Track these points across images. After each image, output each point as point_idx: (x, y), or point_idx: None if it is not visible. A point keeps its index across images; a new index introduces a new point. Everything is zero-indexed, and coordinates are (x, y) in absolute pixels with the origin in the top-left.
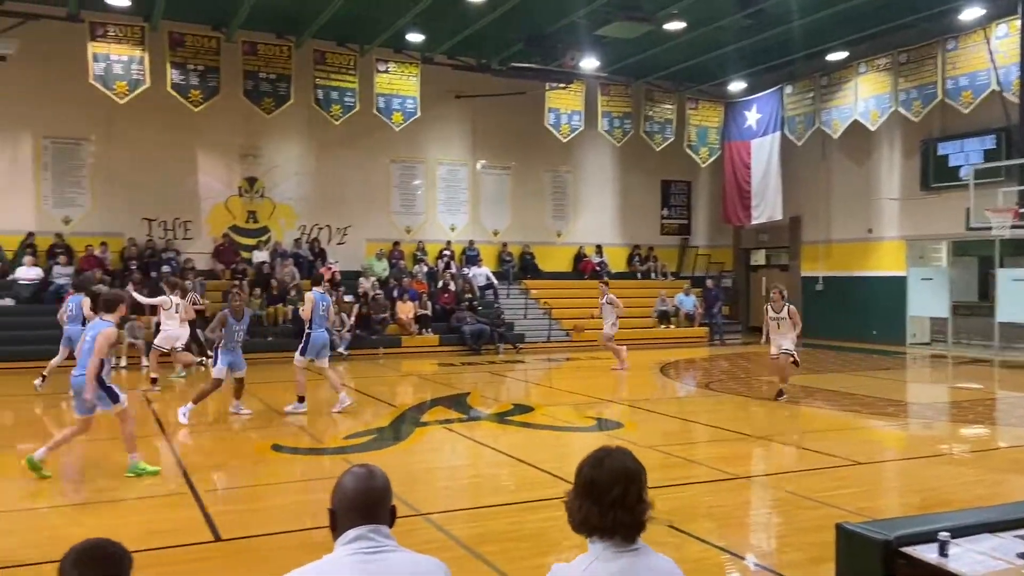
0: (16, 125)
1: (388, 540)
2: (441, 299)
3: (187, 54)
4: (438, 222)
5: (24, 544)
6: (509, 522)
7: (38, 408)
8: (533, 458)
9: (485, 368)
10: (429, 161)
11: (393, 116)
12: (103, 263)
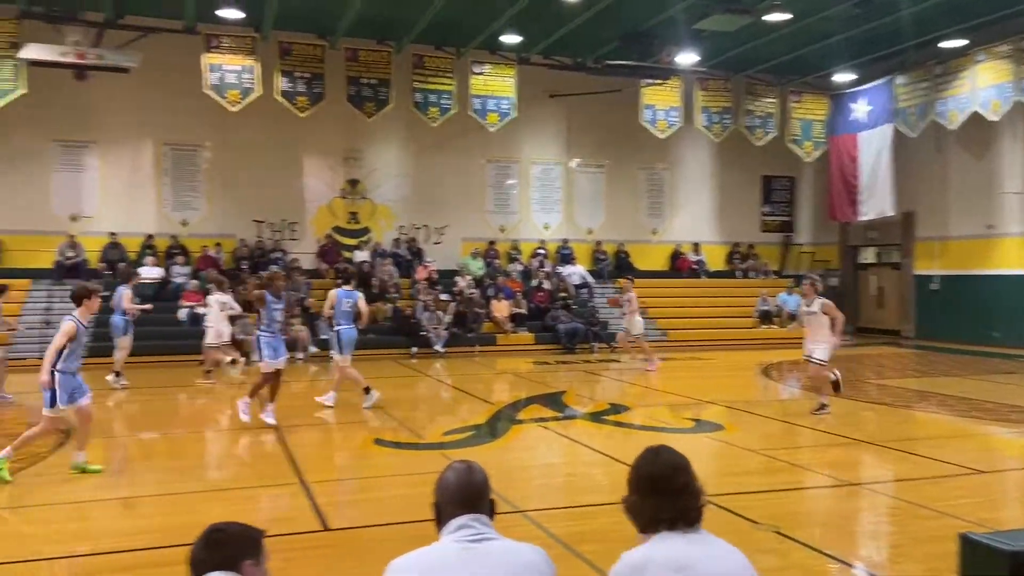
0: (139, 133)
1: (489, 528)
2: (535, 298)
3: (294, 62)
4: (532, 221)
5: (151, 528)
6: (608, 522)
7: (162, 399)
8: (629, 458)
9: (580, 367)
10: (523, 161)
11: (488, 117)
12: (217, 263)
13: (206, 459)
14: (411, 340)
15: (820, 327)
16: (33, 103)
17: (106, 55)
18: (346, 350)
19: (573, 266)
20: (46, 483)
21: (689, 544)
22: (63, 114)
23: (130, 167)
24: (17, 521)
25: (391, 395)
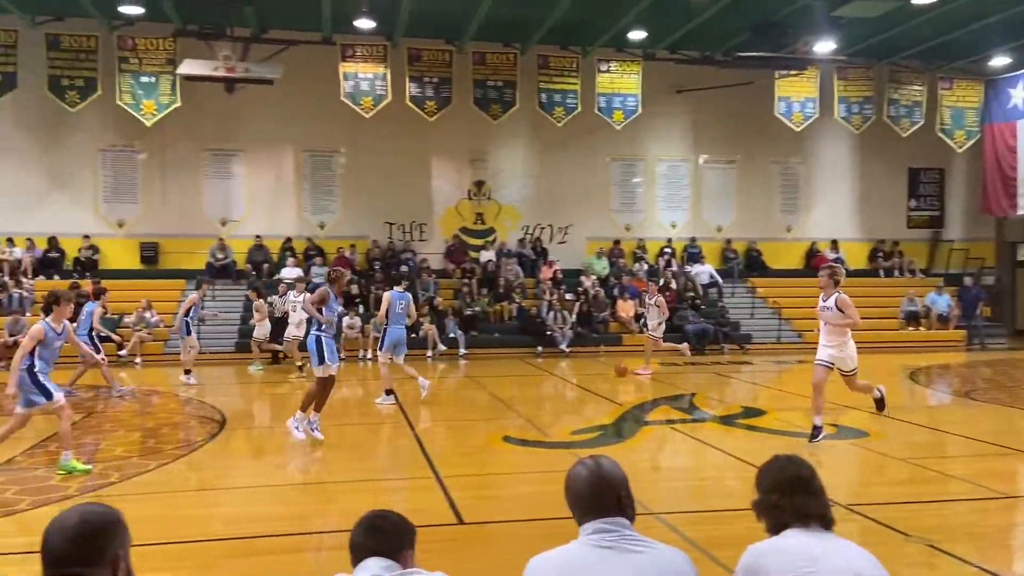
0: (281, 141)
1: (629, 531)
2: None
3: (423, 68)
4: (658, 219)
5: (297, 515)
6: (743, 527)
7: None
8: (761, 463)
9: (710, 369)
10: (649, 158)
11: (614, 115)
12: (351, 263)
13: (342, 451)
14: (536, 339)
15: (837, 326)
16: (187, 115)
17: (252, 68)
18: (396, 349)
19: (701, 265)
20: (201, 469)
21: (818, 540)
22: (213, 125)
23: (273, 173)
24: (186, 504)
25: (517, 393)
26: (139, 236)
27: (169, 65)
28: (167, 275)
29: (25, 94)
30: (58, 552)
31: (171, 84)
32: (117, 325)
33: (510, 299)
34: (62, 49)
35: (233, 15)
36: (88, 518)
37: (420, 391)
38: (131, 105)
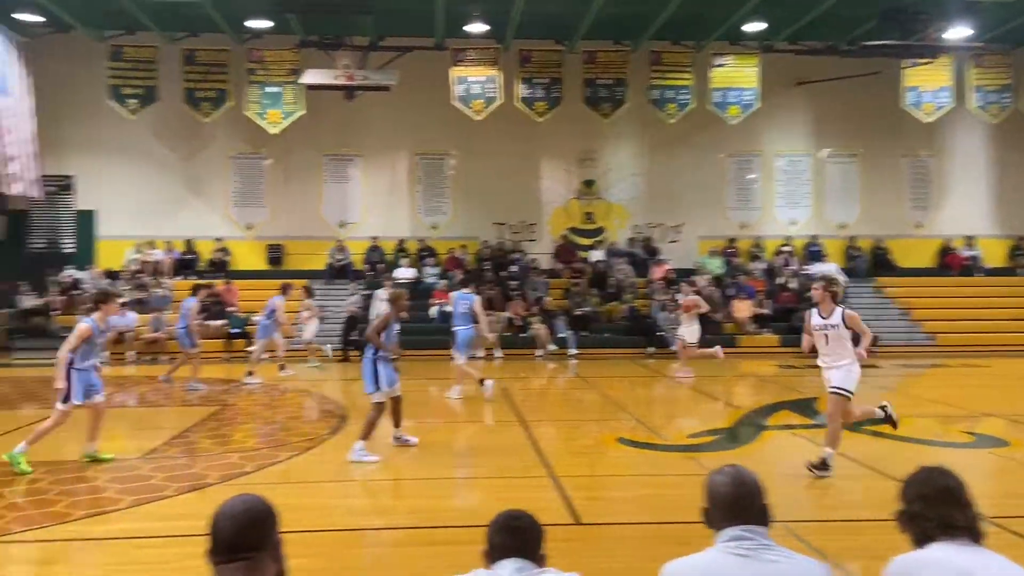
0: (396, 146)
1: (767, 539)
2: (781, 297)
3: (533, 69)
4: (776, 216)
5: (420, 509)
6: (873, 538)
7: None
8: (894, 471)
9: None
10: (766, 153)
11: (729, 110)
12: (462, 264)
13: (458, 448)
14: (647, 340)
15: (841, 346)
16: (308, 122)
17: (370, 75)
18: (462, 349)
19: (823, 264)
20: (326, 461)
21: (970, 554)
22: (332, 131)
23: (388, 177)
24: (313, 494)
25: (629, 394)
26: (265, 238)
27: (293, 75)
28: (291, 275)
29: (164, 106)
30: (229, 538)
31: (295, 93)
32: (246, 323)
33: (620, 299)
34: (197, 63)
35: (352, 25)
36: (252, 506)
37: (483, 392)
38: (258, 114)
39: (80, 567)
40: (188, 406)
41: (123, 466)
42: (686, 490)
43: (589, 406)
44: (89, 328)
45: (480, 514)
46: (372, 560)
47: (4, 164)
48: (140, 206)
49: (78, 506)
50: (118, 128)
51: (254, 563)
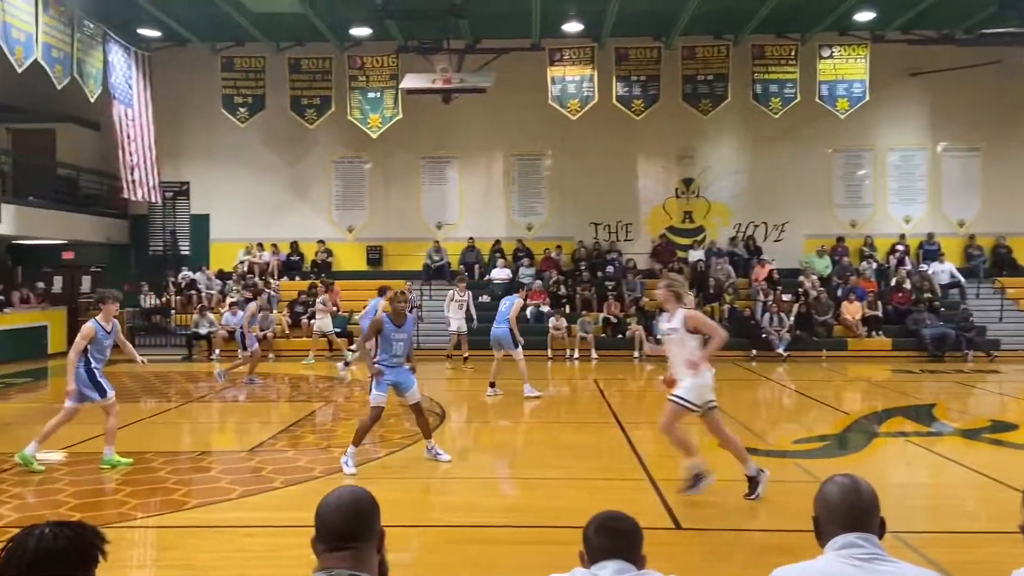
0: (491, 147)
1: (879, 548)
2: (894, 299)
3: (630, 67)
4: (889, 214)
5: (515, 507)
6: (993, 552)
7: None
8: (1015, 482)
9: (950, 377)
10: (878, 147)
11: (838, 103)
12: (558, 264)
13: (554, 448)
14: (750, 343)
15: (683, 350)
16: (406, 126)
17: (467, 78)
18: (493, 346)
19: (940, 263)
20: (426, 460)
21: None
22: (429, 134)
23: (484, 178)
24: (412, 490)
25: (730, 398)
26: (366, 240)
27: (392, 80)
28: (390, 276)
29: (271, 114)
30: (337, 527)
31: (394, 98)
32: (347, 322)
33: (721, 300)
34: (302, 71)
35: (450, 29)
36: (360, 498)
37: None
38: (359, 119)
39: (194, 552)
40: (294, 402)
41: (234, 458)
42: (791, 498)
43: None
44: (93, 329)
45: (576, 514)
46: (467, 557)
47: (127, 171)
48: (249, 210)
49: (193, 495)
50: (229, 135)
51: (360, 553)
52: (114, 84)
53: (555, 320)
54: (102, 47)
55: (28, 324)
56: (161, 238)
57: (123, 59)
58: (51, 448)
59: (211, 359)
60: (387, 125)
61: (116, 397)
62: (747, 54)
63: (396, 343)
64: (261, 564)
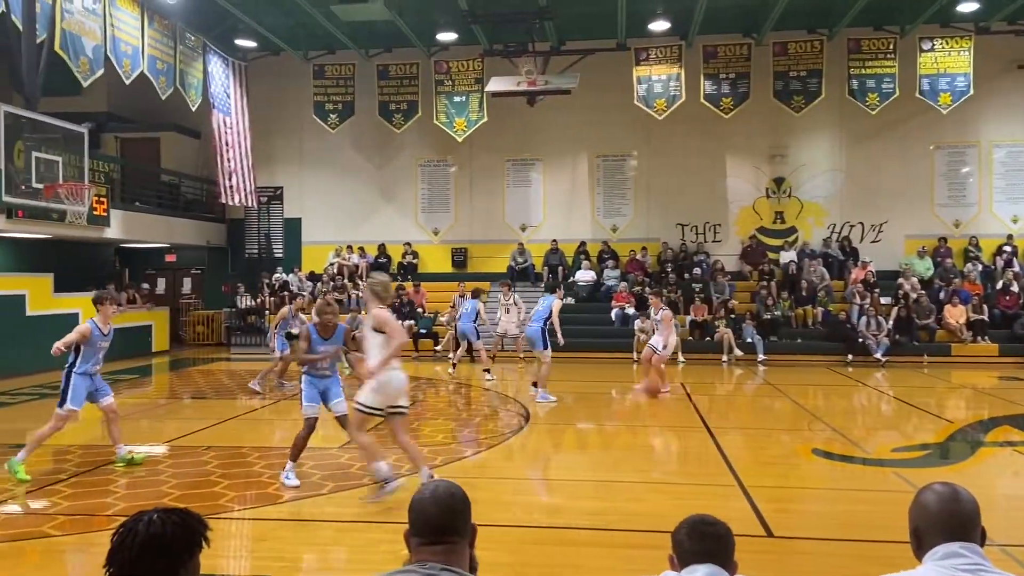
0: (576, 148)
1: (984, 560)
2: (1001, 302)
3: (719, 64)
4: (995, 213)
5: (601, 511)
6: None
7: (595, 392)
8: None
9: None
10: (983, 143)
11: (940, 97)
12: (643, 266)
13: (640, 451)
14: (846, 347)
15: (374, 351)
16: (491, 128)
17: (552, 80)
18: (539, 345)
19: None
20: (510, 459)
21: None
22: (514, 136)
23: (568, 179)
24: (496, 490)
25: (824, 404)
26: (451, 242)
27: (477, 84)
28: (474, 278)
29: (360, 119)
30: (434, 522)
31: (479, 101)
32: (433, 323)
33: (814, 303)
34: (390, 77)
35: (535, 32)
36: (456, 493)
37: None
38: (445, 123)
39: (288, 544)
40: None
41: (326, 455)
42: (889, 507)
43: (779, 414)
44: (89, 328)
45: (660, 519)
46: (551, 558)
47: (225, 177)
48: (338, 213)
49: (286, 489)
50: (320, 141)
51: (454, 547)
52: (213, 93)
53: (640, 322)
54: (202, 58)
55: (134, 324)
56: (256, 241)
57: (222, 69)
58: (154, 442)
59: None
60: (472, 128)
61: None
62: (842, 48)
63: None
64: (351, 558)
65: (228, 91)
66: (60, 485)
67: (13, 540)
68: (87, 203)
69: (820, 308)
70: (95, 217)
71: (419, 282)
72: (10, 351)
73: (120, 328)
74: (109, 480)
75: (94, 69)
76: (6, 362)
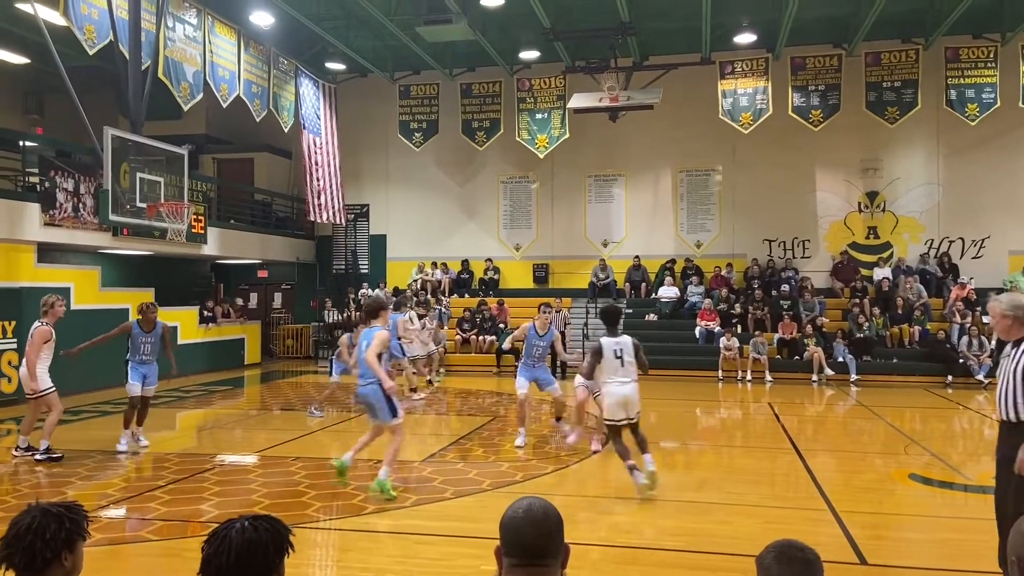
0: (659, 163)
1: None
2: None
3: (808, 76)
4: None
5: (684, 531)
6: None
7: (680, 411)
8: None
9: None
10: None
11: None
12: (728, 282)
13: (727, 472)
14: (946, 367)
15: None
16: (572, 145)
17: (634, 95)
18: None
19: None
20: (592, 476)
21: None
22: (595, 152)
23: (651, 195)
24: (576, 507)
25: (922, 427)
26: (532, 258)
27: (559, 101)
28: (555, 294)
29: (444, 137)
30: (530, 543)
31: (561, 118)
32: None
33: (911, 321)
34: (473, 96)
35: (617, 48)
36: (550, 512)
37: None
38: (527, 140)
39: (371, 555)
40: (463, 415)
41: (409, 468)
42: (991, 537)
43: (873, 437)
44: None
45: (747, 542)
46: None
47: (314, 196)
48: (422, 229)
49: (370, 501)
50: (405, 159)
51: (549, 571)
52: (304, 115)
53: (726, 340)
54: (294, 81)
55: (228, 337)
56: (343, 257)
57: (312, 91)
58: (246, 451)
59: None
60: (554, 145)
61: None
62: (939, 58)
63: (144, 345)
64: (433, 571)
65: (318, 112)
66: (159, 491)
67: (112, 544)
68: (186, 221)
69: (917, 327)
70: (193, 234)
71: (503, 298)
72: (116, 361)
73: (214, 341)
74: (203, 488)
75: (194, 94)
76: (113, 372)
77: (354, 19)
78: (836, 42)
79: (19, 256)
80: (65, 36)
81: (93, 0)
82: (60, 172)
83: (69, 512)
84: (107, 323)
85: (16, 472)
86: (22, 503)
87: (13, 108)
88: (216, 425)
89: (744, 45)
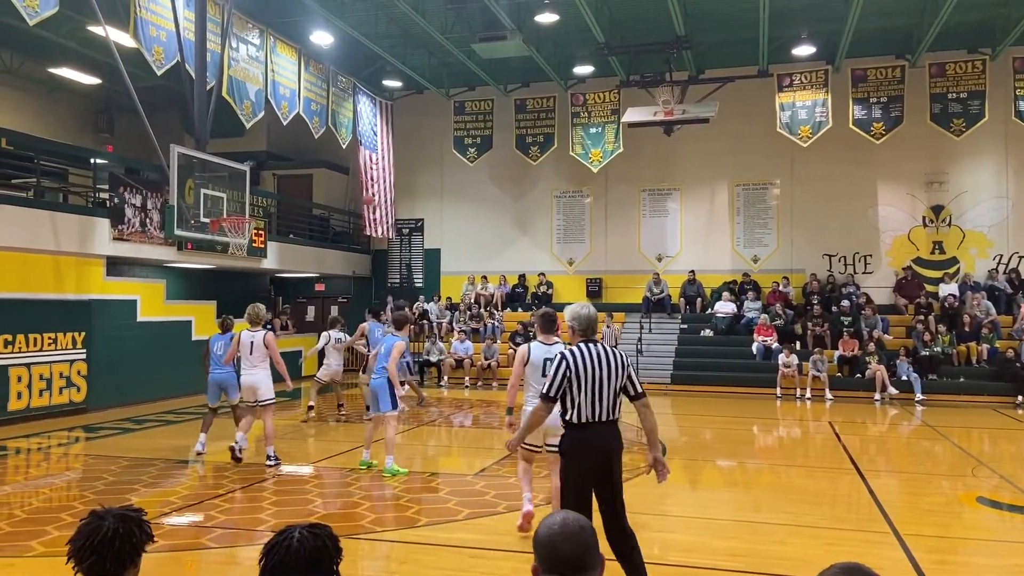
0: (715, 177)
1: None
2: None
3: (869, 88)
4: None
5: (741, 552)
6: None
7: (738, 428)
8: None
9: None
10: None
11: None
12: (786, 297)
13: (782, 491)
14: (1016, 387)
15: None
16: (626, 159)
17: (689, 109)
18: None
19: None
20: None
21: None
22: (650, 166)
23: (707, 209)
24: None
25: (991, 448)
26: (585, 272)
27: (613, 115)
28: (609, 308)
29: (498, 152)
30: (569, 558)
31: (615, 132)
32: None
33: (979, 339)
34: (527, 111)
35: (672, 61)
36: (585, 526)
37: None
38: (581, 155)
39: (423, 568)
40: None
41: (461, 481)
42: None
43: (939, 458)
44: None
45: (805, 564)
46: None
47: (370, 211)
48: (475, 244)
49: (424, 514)
50: (459, 174)
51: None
52: (361, 132)
53: (785, 356)
54: (352, 98)
55: (286, 349)
56: (398, 271)
57: (369, 108)
58: (302, 462)
59: (439, 385)
60: (608, 159)
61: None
62: (1007, 68)
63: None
64: None
65: (375, 129)
66: (218, 500)
67: (173, 551)
68: (247, 236)
69: (985, 345)
70: (254, 249)
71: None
72: (179, 372)
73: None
74: (262, 496)
75: (256, 112)
76: (176, 382)
77: (411, 37)
78: (898, 53)
79: (89, 269)
80: (135, 57)
81: (161, 23)
82: (128, 188)
83: (141, 517)
84: (171, 335)
85: (84, 477)
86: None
87: (85, 127)
88: (276, 436)
89: (802, 57)
